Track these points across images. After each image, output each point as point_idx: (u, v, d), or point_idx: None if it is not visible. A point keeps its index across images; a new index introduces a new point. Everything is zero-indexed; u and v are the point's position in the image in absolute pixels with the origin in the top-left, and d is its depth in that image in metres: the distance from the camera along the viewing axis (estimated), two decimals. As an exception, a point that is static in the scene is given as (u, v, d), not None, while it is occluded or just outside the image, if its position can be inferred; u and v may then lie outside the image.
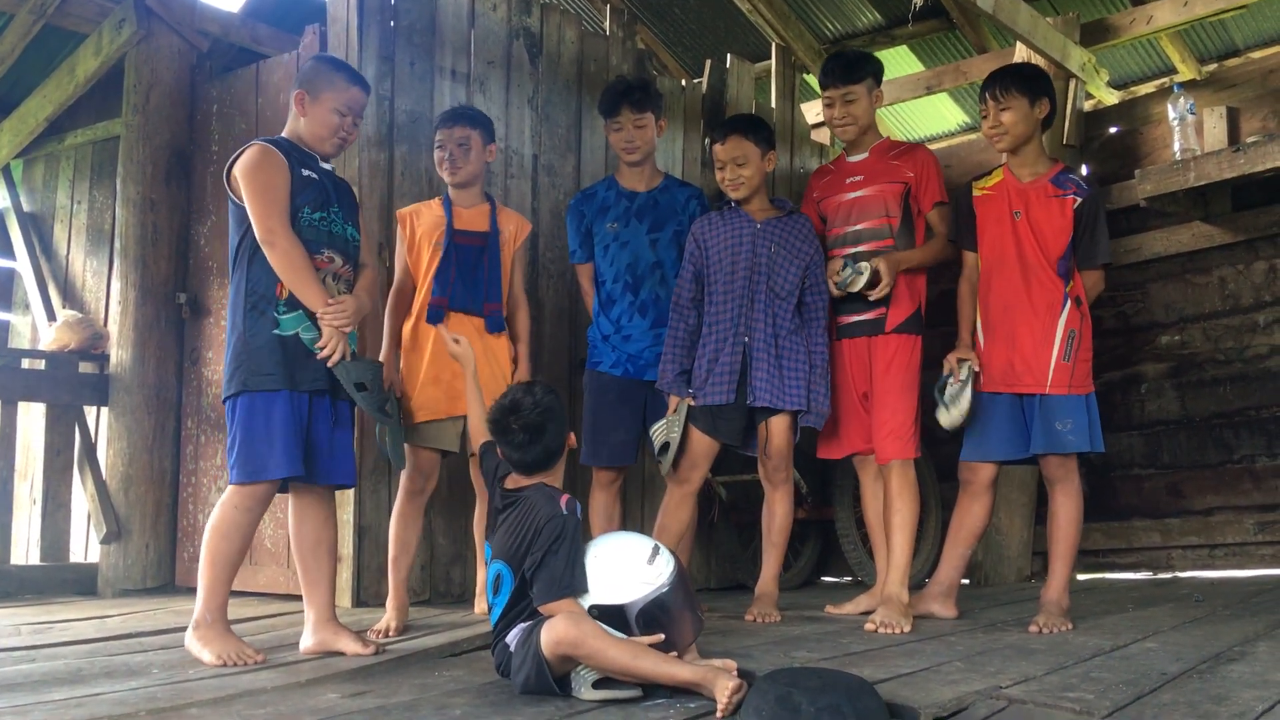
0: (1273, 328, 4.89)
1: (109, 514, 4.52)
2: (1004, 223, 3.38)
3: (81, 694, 2.25)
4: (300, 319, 2.83)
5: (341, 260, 2.94)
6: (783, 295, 3.53)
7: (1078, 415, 3.28)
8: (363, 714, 2.04)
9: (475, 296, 3.46)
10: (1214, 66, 5.56)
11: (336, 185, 3.02)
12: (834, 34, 6.28)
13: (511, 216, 3.67)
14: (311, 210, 2.88)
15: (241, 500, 2.78)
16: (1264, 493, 4.83)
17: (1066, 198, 3.36)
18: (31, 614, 3.80)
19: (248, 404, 2.78)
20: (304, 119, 2.95)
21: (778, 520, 3.63)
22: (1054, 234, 3.33)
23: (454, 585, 4.09)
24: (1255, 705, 2.03)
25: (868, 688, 1.95)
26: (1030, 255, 3.33)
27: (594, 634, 2.13)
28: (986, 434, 3.39)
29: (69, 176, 5.63)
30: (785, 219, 3.60)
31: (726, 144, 3.55)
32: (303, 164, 2.91)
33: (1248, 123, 5.01)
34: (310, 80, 2.97)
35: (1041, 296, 3.32)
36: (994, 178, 3.47)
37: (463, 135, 3.48)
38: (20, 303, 5.81)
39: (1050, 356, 3.28)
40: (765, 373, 3.47)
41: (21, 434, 4.91)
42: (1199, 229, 4.99)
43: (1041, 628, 3.12)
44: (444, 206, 3.52)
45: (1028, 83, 3.37)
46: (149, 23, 4.71)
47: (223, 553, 2.76)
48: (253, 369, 2.78)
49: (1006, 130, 3.36)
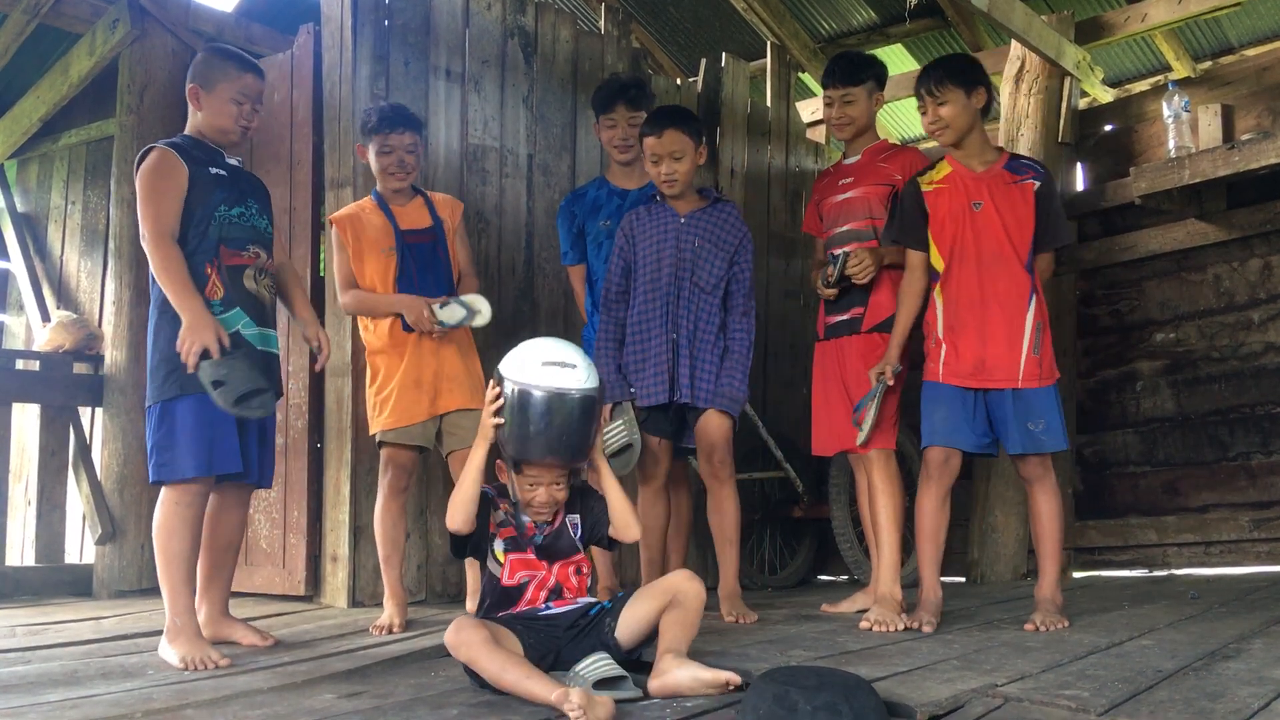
0: (1268, 325, 4.90)
1: (104, 515, 4.52)
2: (964, 216, 3.29)
3: (77, 695, 2.25)
4: (239, 315, 2.84)
5: (264, 254, 2.96)
6: (707, 289, 3.46)
7: (1050, 413, 3.25)
8: (359, 714, 2.03)
9: (440, 291, 3.45)
10: (1209, 64, 5.57)
11: (248, 179, 3.03)
12: (829, 32, 6.28)
13: (444, 202, 3.63)
14: (228, 207, 2.89)
15: (180, 496, 2.78)
16: (1259, 490, 4.84)
17: (1026, 183, 3.30)
18: (27, 615, 3.79)
19: (193, 405, 2.76)
20: (201, 113, 2.94)
21: (728, 518, 3.54)
22: (1018, 222, 3.27)
23: (450, 585, 4.08)
24: (1251, 702, 2.03)
25: (865, 686, 1.95)
26: (996, 247, 3.25)
27: (469, 643, 2.17)
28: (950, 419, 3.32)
29: (63, 177, 5.61)
30: (710, 209, 3.52)
31: (663, 137, 3.42)
32: (209, 163, 2.90)
33: (1242, 120, 5.02)
34: (202, 73, 2.95)
35: (1011, 289, 3.27)
36: (941, 170, 3.37)
37: (412, 141, 3.46)
38: (14, 303, 5.80)
39: (1022, 351, 3.25)
40: (688, 369, 3.42)
41: (16, 435, 4.91)
42: (1194, 226, 4.99)
43: (1039, 625, 3.11)
44: (382, 210, 3.48)
45: (962, 74, 3.30)
46: (143, 22, 4.70)
47: (172, 551, 2.77)
48: (185, 378, 2.75)
49: (948, 124, 3.30)
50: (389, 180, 3.47)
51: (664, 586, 2.38)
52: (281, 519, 4.14)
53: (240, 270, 2.89)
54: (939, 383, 3.29)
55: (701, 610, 2.36)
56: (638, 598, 2.38)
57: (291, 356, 4.16)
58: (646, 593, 2.39)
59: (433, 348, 3.42)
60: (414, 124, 3.49)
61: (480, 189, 4.31)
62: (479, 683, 2.21)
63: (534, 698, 2.06)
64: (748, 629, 3.27)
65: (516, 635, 2.28)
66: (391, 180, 3.47)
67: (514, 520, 2.40)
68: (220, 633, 2.96)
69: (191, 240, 2.85)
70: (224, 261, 2.87)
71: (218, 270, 2.85)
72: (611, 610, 2.38)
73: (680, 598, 2.33)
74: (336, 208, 3.99)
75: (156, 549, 2.80)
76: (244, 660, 2.72)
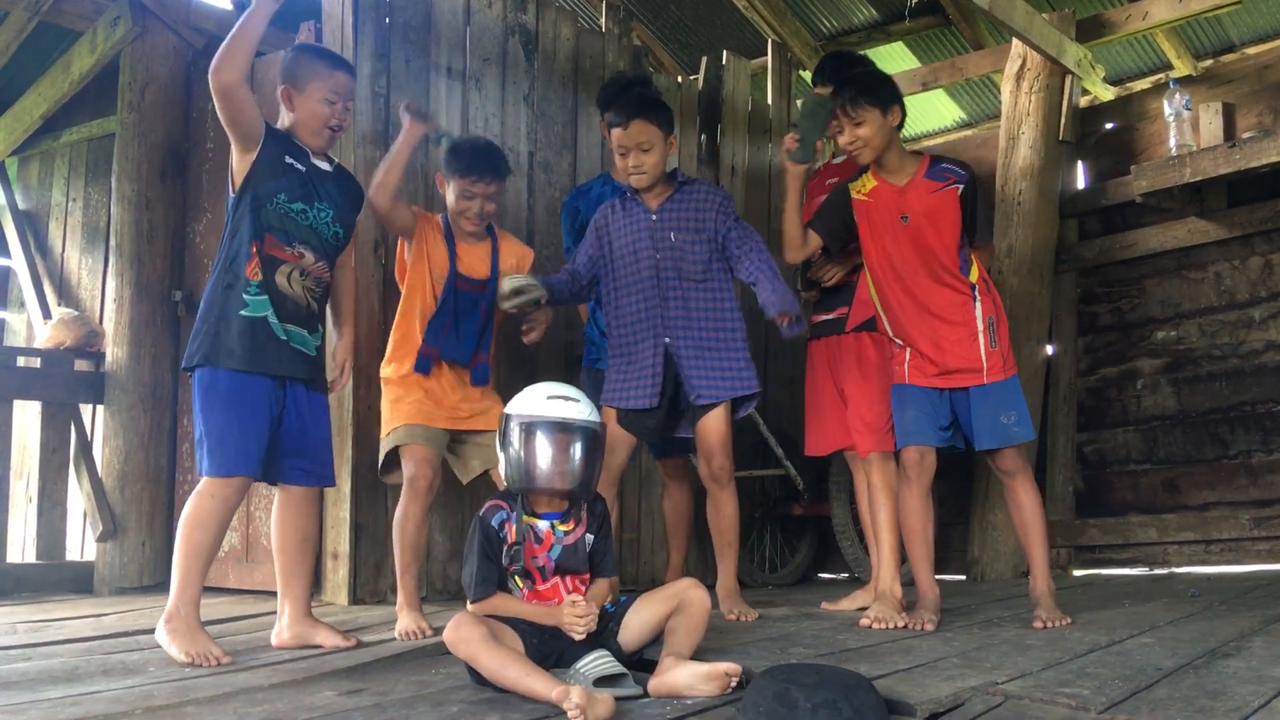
0: (1268, 323, 4.89)
1: (105, 512, 4.52)
2: (893, 229, 3.31)
3: (78, 692, 2.25)
4: (267, 304, 2.82)
5: (314, 257, 2.91)
6: (695, 277, 3.38)
7: (1018, 404, 3.27)
8: (360, 712, 2.03)
9: (467, 347, 3.34)
10: (1210, 62, 5.56)
11: (335, 182, 2.99)
12: (830, 30, 6.27)
13: (513, 248, 3.53)
14: (289, 199, 2.86)
15: (217, 490, 2.76)
16: (1260, 488, 4.83)
17: (949, 188, 3.31)
18: (27, 612, 3.80)
19: (209, 381, 2.77)
20: (293, 114, 2.92)
21: (727, 521, 3.52)
22: (948, 228, 3.28)
23: (450, 583, 4.09)
24: (1251, 700, 2.03)
25: (865, 684, 1.95)
26: (928, 257, 3.27)
27: (468, 640, 2.17)
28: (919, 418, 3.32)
29: (64, 174, 5.62)
30: (679, 193, 3.43)
31: (629, 129, 3.34)
32: (289, 153, 2.89)
33: (1243, 118, 5.01)
34: (293, 73, 2.93)
35: (952, 296, 3.28)
36: (868, 183, 3.39)
37: (496, 190, 3.36)
38: (15, 300, 5.80)
39: (979, 349, 3.27)
40: (698, 368, 3.36)
41: (17, 432, 4.91)
42: (1195, 225, 4.99)
43: (1045, 622, 3.12)
44: (447, 242, 3.37)
45: (875, 93, 3.30)
46: (144, 20, 4.70)
47: (197, 543, 2.74)
48: (215, 344, 2.78)
49: (865, 143, 3.30)
50: (463, 223, 3.37)
51: (669, 593, 2.39)
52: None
53: (277, 264, 2.85)
54: (906, 384, 3.32)
55: (706, 617, 2.37)
56: (642, 603, 2.39)
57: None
58: (651, 598, 2.40)
59: (454, 383, 3.35)
60: (502, 172, 3.38)
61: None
62: (479, 680, 2.21)
63: (534, 695, 2.06)
64: (748, 626, 3.27)
65: (522, 635, 2.28)
66: (466, 224, 3.37)
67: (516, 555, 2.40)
68: (303, 635, 2.89)
69: (248, 212, 2.83)
70: (266, 249, 2.83)
71: (260, 254, 2.83)
72: (614, 615, 2.39)
73: (685, 604, 2.34)
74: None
75: (179, 538, 2.77)
76: (245, 657, 2.72)
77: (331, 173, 3.01)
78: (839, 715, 1.82)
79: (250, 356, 2.78)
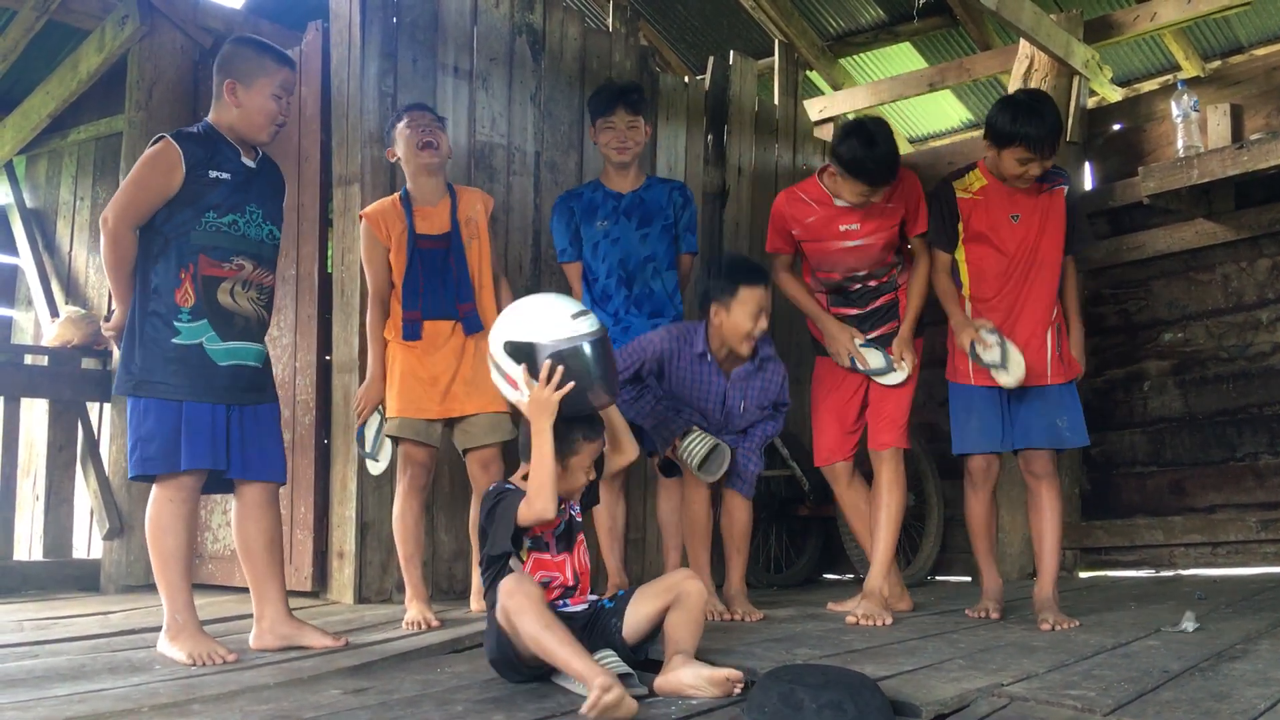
0: (1276, 325, 4.88)
1: (112, 510, 4.53)
2: (1003, 228, 3.33)
3: (84, 690, 2.25)
4: (205, 328, 2.75)
5: (253, 265, 2.84)
6: (741, 427, 3.56)
7: (1073, 411, 3.32)
8: (365, 710, 2.04)
9: (447, 300, 3.37)
10: (1218, 63, 5.55)
11: (259, 180, 2.89)
12: (837, 30, 6.27)
13: (472, 198, 3.55)
14: (218, 215, 2.77)
15: (172, 493, 2.72)
16: (1267, 490, 4.82)
17: (1057, 189, 3.36)
18: (34, 610, 3.81)
19: (141, 406, 2.72)
20: (239, 108, 2.82)
21: (738, 526, 3.60)
22: (1055, 229, 3.34)
23: (456, 582, 4.09)
24: (1258, 703, 2.03)
25: (870, 684, 1.95)
26: (1035, 256, 3.32)
27: (527, 594, 2.18)
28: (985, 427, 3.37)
29: (72, 172, 5.63)
30: (756, 372, 3.50)
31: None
32: (216, 165, 2.78)
33: (1251, 120, 5.00)
34: (238, 68, 2.83)
35: (1045, 296, 3.32)
36: (977, 180, 3.39)
37: (439, 121, 3.47)
38: (23, 299, 5.82)
39: (1047, 353, 3.30)
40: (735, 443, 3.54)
41: (24, 430, 4.92)
42: (1202, 226, 4.98)
43: (1054, 625, 3.12)
44: (404, 206, 3.43)
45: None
46: (152, 19, 4.71)
47: (167, 551, 2.72)
48: (144, 376, 2.72)
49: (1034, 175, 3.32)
50: (423, 159, 3.39)
51: (665, 585, 2.40)
52: (288, 515, 4.14)
53: (217, 282, 2.77)
54: (970, 385, 3.32)
55: (704, 608, 2.38)
56: (640, 596, 2.40)
57: (299, 353, 4.17)
58: (648, 591, 2.41)
59: (456, 350, 3.38)
60: (430, 107, 3.54)
61: (488, 186, 4.30)
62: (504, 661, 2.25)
63: (568, 668, 2.08)
64: (753, 627, 3.27)
65: None
66: (424, 156, 3.39)
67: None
68: (290, 637, 2.84)
69: (170, 240, 2.76)
70: (201, 270, 2.76)
71: (192, 278, 2.75)
72: (615, 609, 2.40)
73: (682, 597, 2.35)
74: (344, 205, 4.00)
75: (150, 550, 2.74)
76: (250, 656, 2.72)
77: (256, 168, 2.90)
78: (844, 716, 1.82)
79: (185, 387, 2.72)
